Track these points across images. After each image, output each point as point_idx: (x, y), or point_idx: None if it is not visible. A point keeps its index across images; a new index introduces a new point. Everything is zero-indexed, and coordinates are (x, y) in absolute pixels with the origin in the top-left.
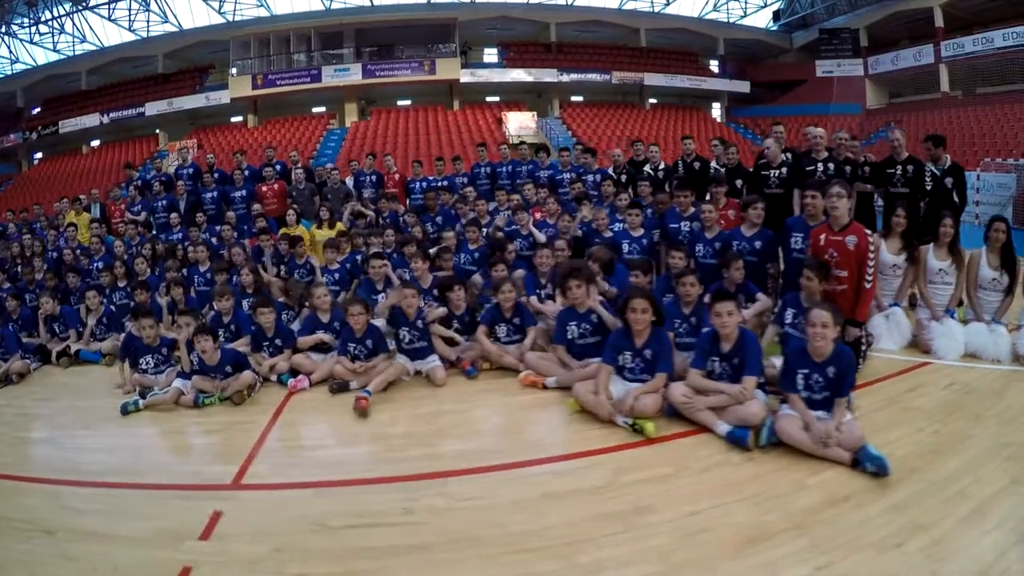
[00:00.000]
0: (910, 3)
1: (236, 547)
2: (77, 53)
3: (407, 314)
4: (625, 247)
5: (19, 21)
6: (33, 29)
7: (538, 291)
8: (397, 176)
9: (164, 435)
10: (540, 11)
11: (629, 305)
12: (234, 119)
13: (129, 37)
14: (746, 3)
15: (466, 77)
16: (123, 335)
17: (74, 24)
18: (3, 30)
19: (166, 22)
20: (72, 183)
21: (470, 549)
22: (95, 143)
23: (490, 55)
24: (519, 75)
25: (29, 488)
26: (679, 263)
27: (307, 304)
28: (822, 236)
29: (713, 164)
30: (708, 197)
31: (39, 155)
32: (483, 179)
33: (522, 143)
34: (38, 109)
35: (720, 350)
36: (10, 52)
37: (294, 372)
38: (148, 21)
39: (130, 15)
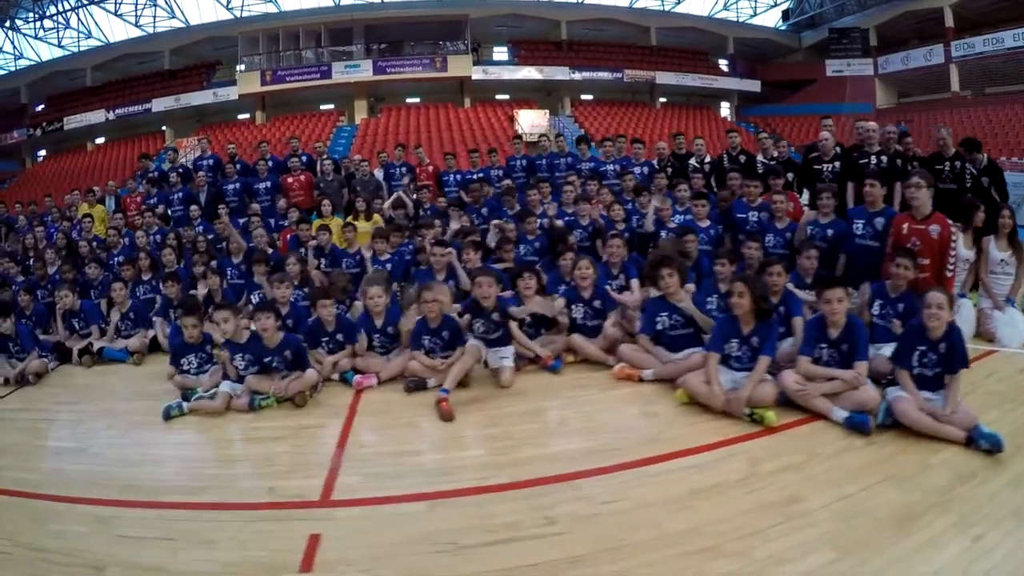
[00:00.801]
0: (920, 3)
1: None
2: (82, 49)
3: (484, 305)
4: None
5: (23, 16)
6: (38, 24)
7: (610, 282)
8: (431, 168)
9: (221, 443)
10: (551, 9)
11: (730, 289)
12: (241, 116)
13: (135, 33)
14: (756, 2)
15: (478, 74)
16: (152, 331)
17: (79, 19)
18: (7, 25)
19: (173, 17)
20: (77, 180)
21: (632, 557)
22: (100, 140)
23: (499, 53)
24: (530, 73)
25: (67, 511)
26: (755, 253)
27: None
28: (904, 225)
29: (760, 158)
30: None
31: (42, 152)
32: (519, 171)
33: (543, 136)
34: (42, 106)
35: (828, 336)
36: (14, 48)
37: (355, 369)
38: (155, 16)
39: (136, 10)
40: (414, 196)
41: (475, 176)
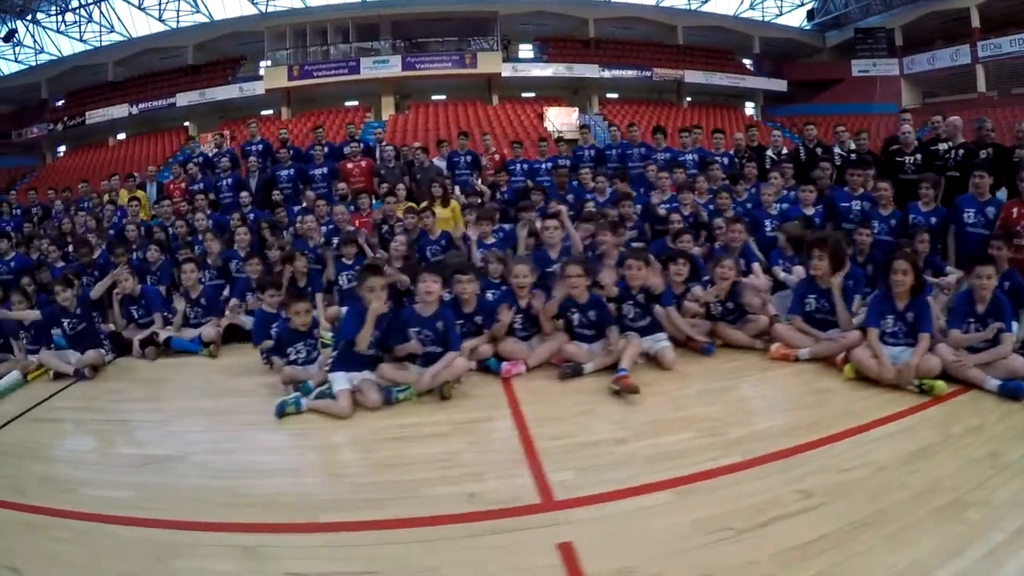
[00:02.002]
0: (946, 3)
1: None
2: (104, 44)
3: (631, 286)
4: None
5: (45, 9)
6: (60, 18)
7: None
8: (497, 157)
9: (365, 445)
10: (578, 7)
11: (892, 267)
12: (264, 112)
13: (158, 28)
14: (782, 2)
15: (507, 71)
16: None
17: (102, 13)
18: (28, 18)
19: (197, 12)
20: (98, 175)
21: (902, 517)
22: (121, 136)
23: (525, 51)
24: (560, 70)
25: (195, 542)
26: (866, 240)
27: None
28: (1015, 209)
29: (836, 150)
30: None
31: (62, 148)
32: (587, 161)
33: (585, 127)
34: (62, 101)
35: (976, 312)
36: (34, 41)
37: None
38: (178, 11)
39: (160, 4)
40: (483, 183)
41: (542, 165)
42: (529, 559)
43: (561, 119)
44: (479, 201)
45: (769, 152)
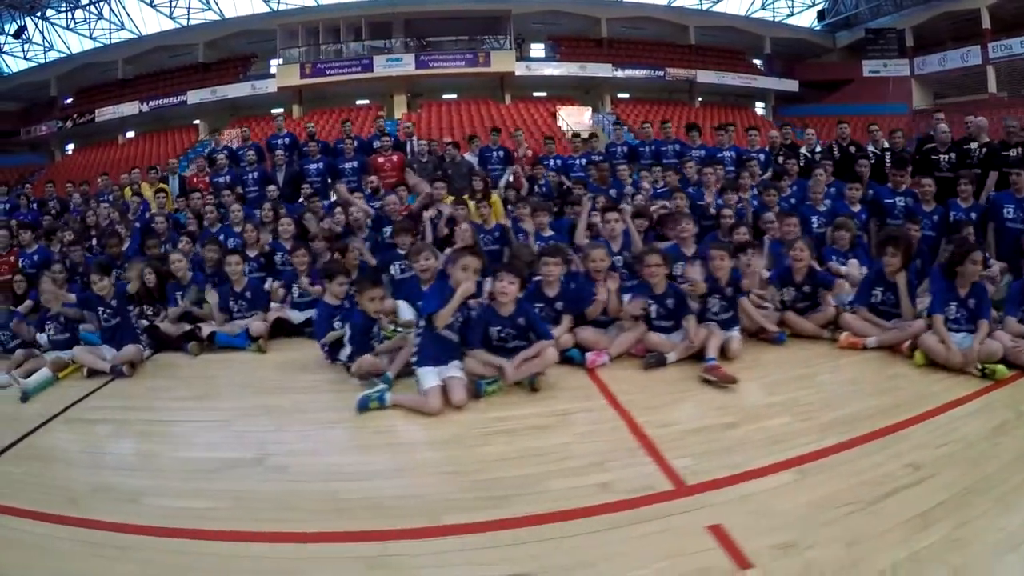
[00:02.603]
0: (957, 4)
1: (815, 555)
2: (114, 41)
3: (718, 278)
4: None
5: (56, 6)
6: (70, 15)
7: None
8: (530, 153)
9: (461, 441)
10: (591, 6)
11: (969, 257)
12: (274, 111)
13: (168, 25)
14: (792, 2)
15: (521, 70)
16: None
17: (111, 10)
18: (38, 15)
19: (208, 9)
20: (111, 173)
21: (1004, 483)
22: (130, 134)
23: (537, 50)
24: (573, 69)
25: (304, 554)
26: (915, 235)
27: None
28: None
29: (870, 148)
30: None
31: (71, 146)
32: (619, 158)
33: (620, 124)
34: (71, 99)
35: None
36: (44, 39)
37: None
38: (189, 8)
39: (171, 2)
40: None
41: (576, 161)
42: (684, 544)
43: (574, 118)
44: (516, 195)
45: (803, 150)
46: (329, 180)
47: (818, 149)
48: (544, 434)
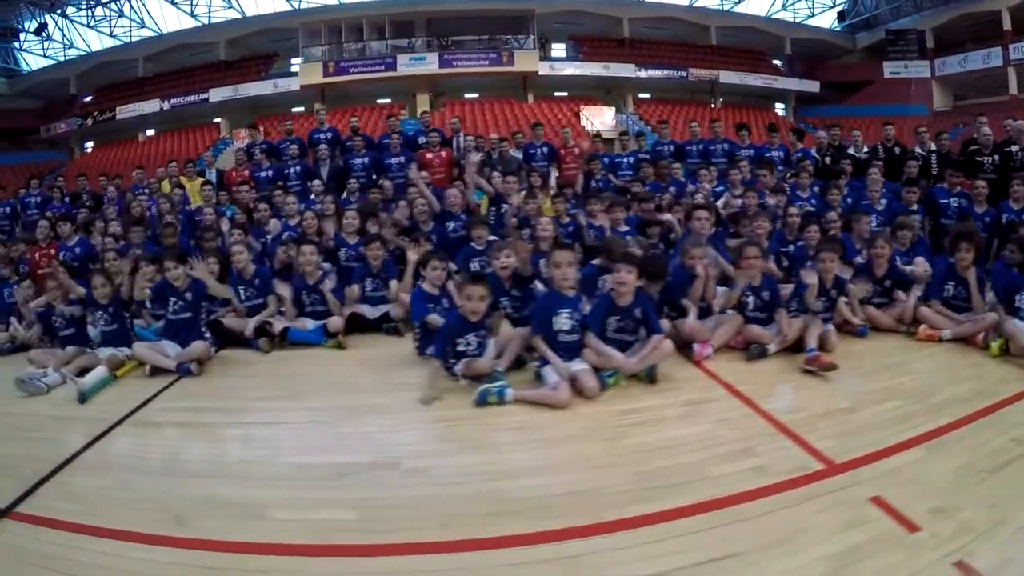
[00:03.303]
0: (978, 5)
1: (966, 516)
2: (134, 39)
3: (825, 279)
4: None
5: (77, 3)
6: (90, 13)
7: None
8: (576, 150)
9: (608, 434)
10: (612, 6)
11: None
12: (295, 109)
13: (189, 23)
14: (813, 3)
15: (544, 70)
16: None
17: (132, 8)
18: (59, 13)
19: (230, 8)
20: (130, 171)
21: None
22: (150, 132)
23: (558, 50)
24: (596, 69)
25: (494, 561)
26: None
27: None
28: None
29: (917, 150)
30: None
31: (90, 144)
32: (666, 156)
33: (664, 123)
34: (90, 97)
35: None
36: (63, 37)
37: None
38: (210, 7)
39: (192, 0)
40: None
41: (623, 159)
42: (854, 515)
43: (597, 118)
44: (572, 191)
45: (851, 151)
46: (374, 175)
47: (865, 150)
48: (682, 424)
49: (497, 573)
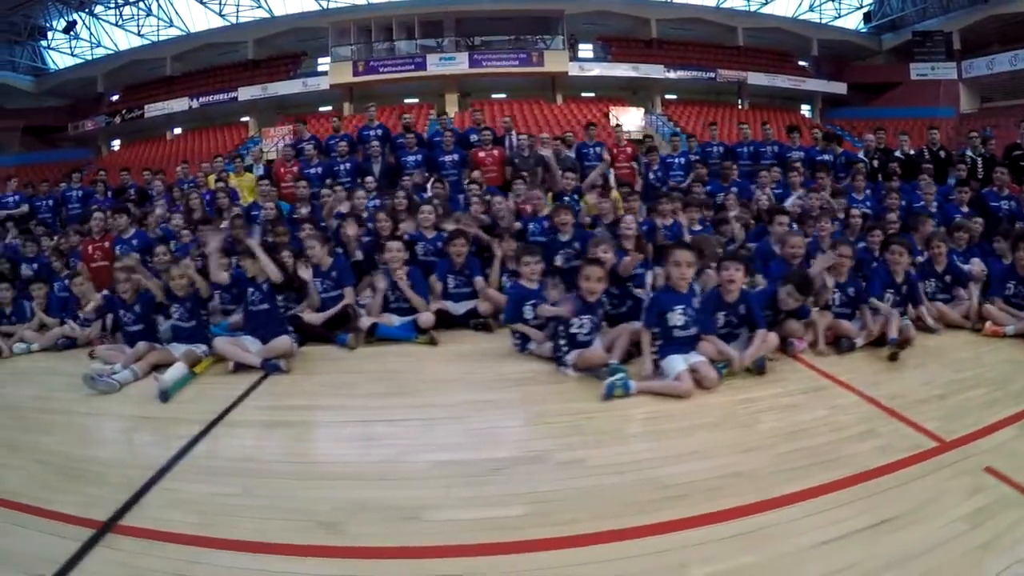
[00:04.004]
0: (1005, 7)
1: None
2: (162, 39)
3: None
4: None
5: (105, 2)
6: (119, 12)
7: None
8: (628, 149)
9: (740, 421)
10: (640, 7)
11: None
12: (322, 108)
13: (217, 23)
14: (840, 4)
15: (574, 71)
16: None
17: (160, 7)
18: (87, 12)
19: (258, 7)
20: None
21: None
22: (177, 131)
23: (584, 50)
24: (625, 70)
25: (686, 540)
26: None
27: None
28: None
29: (968, 153)
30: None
31: (116, 142)
32: (715, 158)
33: (713, 124)
34: (117, 95)
35: None
36: (90, 35)
37: None
38: (238, 6)
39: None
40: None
41: (676, 160)
42: (975, 482)
43: (627, 119)
44: (629, 191)
45: (898, 153)
46: (427, 172)
47: (911, 153)
48: (801, 411)
49: (686, 552)
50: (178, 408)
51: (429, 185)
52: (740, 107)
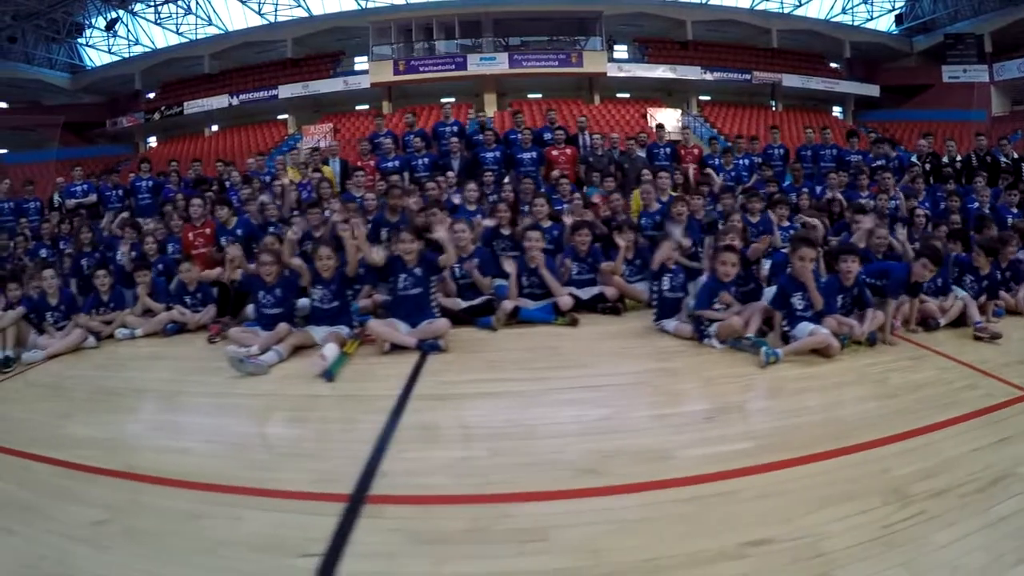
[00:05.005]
0: None
1: None
2: (200, 37)
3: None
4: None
5: (146, 0)
6: (158, 10)
7: None
8: (696, 151)
9: (877, 375)
10: (676, 8)
11: None
12: (359, 107)
13: (255, 21)
14: (872, 6)
15: (612, 71)
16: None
17: (199, 5)
18: (128, 9)
19: (298, 7)
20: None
21: None
22: (214, 128)
23: (620, 51)
24: (663, 71)
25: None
26: None
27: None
28: None
29: (1003, 159)
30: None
31: (152, 139)
32: (776, 160)
33: (775, 128)
34: (152, 94)
35: None
36: (128, 33)
37: None
38: (276, 5)
39: None
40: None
41: (741, 160)
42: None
43: (665, 120)
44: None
45: (945, 158)
46: (504, 169)
47: (958, 158)
48: (914, 371)
49: (885, 462)
50: (352, 386)
51: (506, 180)
52: (774, 109)
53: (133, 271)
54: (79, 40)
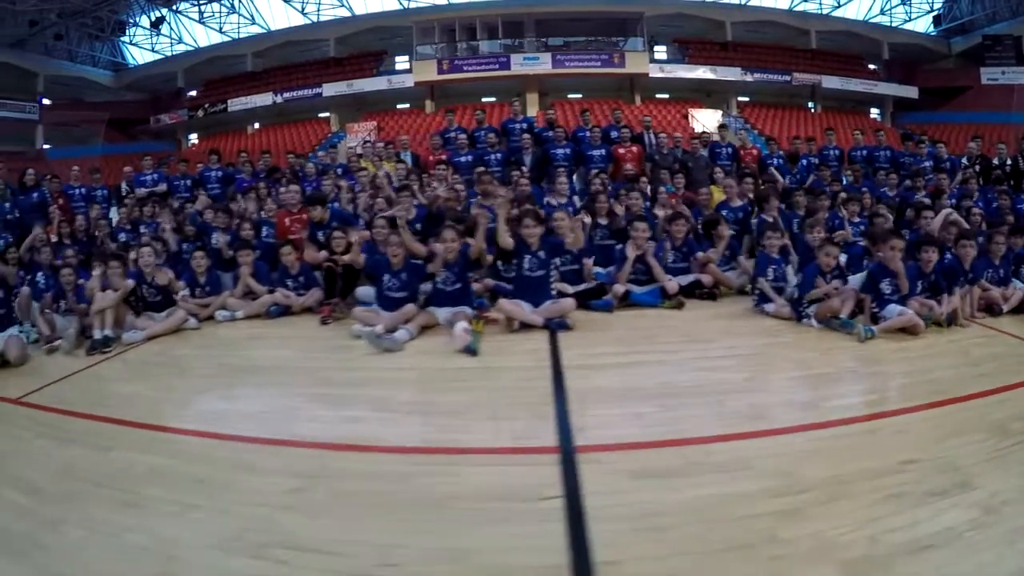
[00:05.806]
0: None
1: None
2: (243, 36)
3: None
4: None
5: None
6: (202, 9)
7: None
8: (754, 151)
9: (964, 347)
10: (716, 9)
11: None
12: (400, 106)
13: (298, 21)
14: (910, 7)
15: (654, 72)
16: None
17: (242, 3)
18: (173, 8)
19: (341, 6)
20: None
21: None
22: (256, 125)
23: (659, 52)
24: (704, 72)
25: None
26: None
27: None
28: None
29: None
30: None
31: (194, 136)
32: (832, 161)
33: (830, 130)
34: (194, 92)
35: None
36: (171, 31)
37: None
38: (319, 5)
39: None
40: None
41: (802, 161)
42: None
43: (707, 121)
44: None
45: (996, 160)
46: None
47: (1008, 161)
48: (988, 346)
49: (986, 409)
50: (496, 359)
51: (575, 177)
52: (813, 111)
53: (236, 251)
54: (122, 38)
